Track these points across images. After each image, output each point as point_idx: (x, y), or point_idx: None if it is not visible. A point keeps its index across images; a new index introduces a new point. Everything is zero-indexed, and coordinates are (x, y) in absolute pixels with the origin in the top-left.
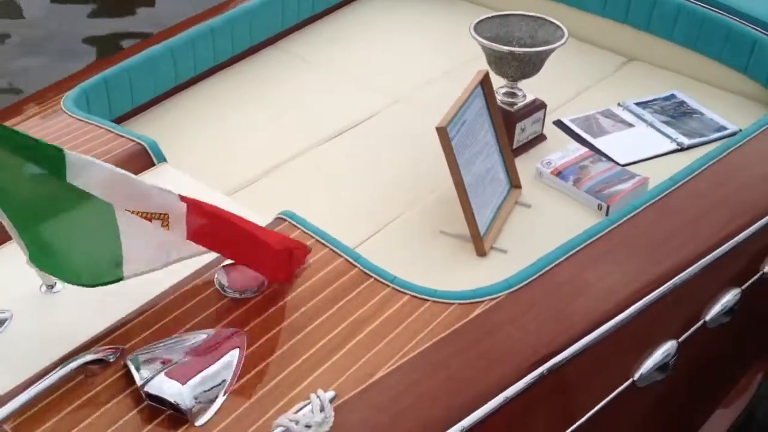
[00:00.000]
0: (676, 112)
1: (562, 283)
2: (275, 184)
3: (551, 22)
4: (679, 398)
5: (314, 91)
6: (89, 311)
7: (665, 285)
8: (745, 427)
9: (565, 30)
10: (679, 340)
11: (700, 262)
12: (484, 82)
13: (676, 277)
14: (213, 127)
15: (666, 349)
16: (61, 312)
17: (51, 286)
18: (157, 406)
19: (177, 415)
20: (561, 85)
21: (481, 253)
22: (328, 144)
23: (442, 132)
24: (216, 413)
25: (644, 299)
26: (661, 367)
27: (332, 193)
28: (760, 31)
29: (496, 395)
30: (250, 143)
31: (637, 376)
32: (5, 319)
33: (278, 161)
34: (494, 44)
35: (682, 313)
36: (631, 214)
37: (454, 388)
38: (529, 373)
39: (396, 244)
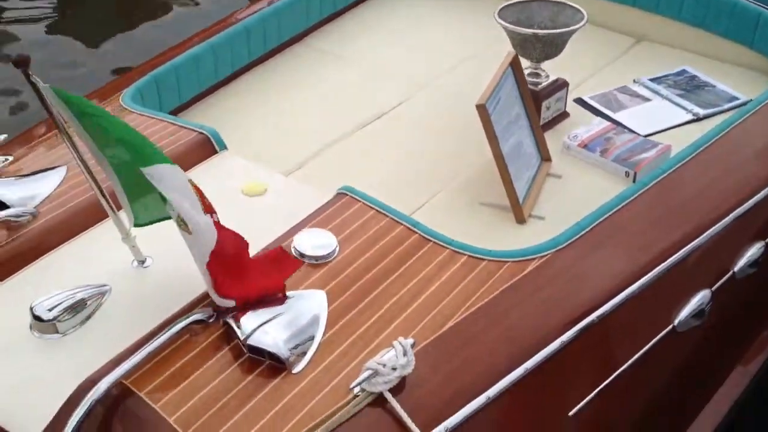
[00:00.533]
0: (688, 86)
1: (603, 241)
2: (318, 170)
3: (570, 6)
4: (712, 345)
5: (343, 82)
6: (178, 282)
7: (696, 239)
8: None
9: (585, 12)
10: (712, 289)
11: (726, 219)
12: (514, 64)
13: (705, 233)
14: (255, 118)
15: (701, 297)
16: (153, 284)
17: (142, 262)
18: (256, 358)
19: (275, 364)
20: (576, 67)
21: (521, 220)
22: (364, 130)
23: (481, 109)
24: (310, 361)
25: (678, 253)
26: (698, 313)
27: (371, 174)
28: (764, 7)
29: (552, 342)
30: (291, 131)
31: (676, 322)
32: (106, 291)
33: (318, 148)
34: (520, 27)
35: (713, 265)
36: (659, 179)
37: (514, 336)
38: (580, 321)
39: (439, 217)
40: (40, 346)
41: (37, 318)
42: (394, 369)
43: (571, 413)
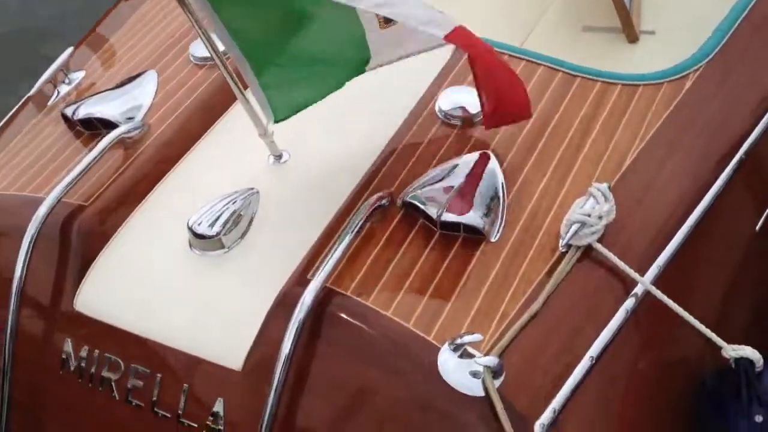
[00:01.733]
0: None
1: (749, 42)
2: None
3: None
4: None
5: None
6: (323, 173)
7: None
8: None
9: None
10: None
11: None
12: None
13: None
14: None
15: None
16: (299, 179)
17: (279, 157)
18: (450, 234)
19: (471, 236)
20: None
21: (633, 38)
22: None
23: None
24: (504, 226)
25: None
26: None
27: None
28: None
29: (733, 156)
30: None
31: None
32: (255, 193)
33: None
34: None
35: None
36: None
37: (695, 158)
38: (753, 130)
39: (547, 51)
40: (206, 265)
41: (199, 236)
42: (600, 218)
43: (757, 228)
